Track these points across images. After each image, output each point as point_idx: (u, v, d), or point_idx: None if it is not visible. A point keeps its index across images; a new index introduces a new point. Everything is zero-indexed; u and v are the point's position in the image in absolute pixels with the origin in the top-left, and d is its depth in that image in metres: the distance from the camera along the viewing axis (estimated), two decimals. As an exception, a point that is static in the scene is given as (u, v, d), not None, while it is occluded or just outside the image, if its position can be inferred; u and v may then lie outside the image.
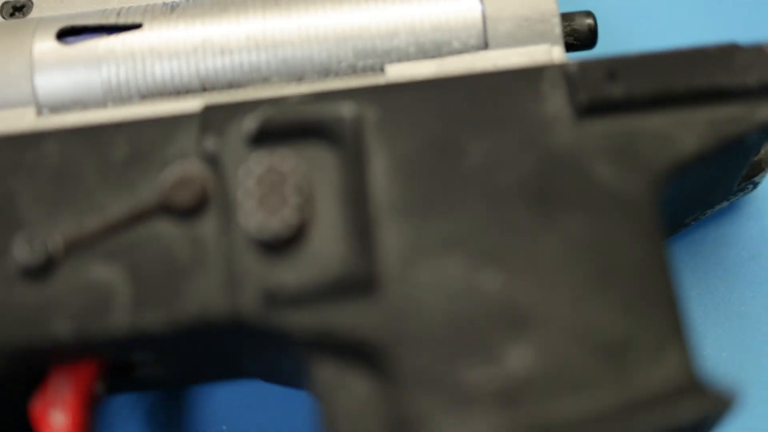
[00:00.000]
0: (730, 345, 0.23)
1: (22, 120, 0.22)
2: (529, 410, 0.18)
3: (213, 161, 0.21)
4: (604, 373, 0.19)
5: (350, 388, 0.19)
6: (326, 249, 0.20)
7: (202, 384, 0.24)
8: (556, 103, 0.21)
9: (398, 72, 0.22)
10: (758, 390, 0.23)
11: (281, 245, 0.20)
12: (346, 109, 0.21)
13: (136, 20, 0.23)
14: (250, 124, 0.21)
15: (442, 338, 0.19)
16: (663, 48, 0.22)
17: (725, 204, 0.25)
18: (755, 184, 0.25)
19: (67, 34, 0.23)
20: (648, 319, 0.19)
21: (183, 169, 0.21)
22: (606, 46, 0.27)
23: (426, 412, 0.18)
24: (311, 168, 0.21)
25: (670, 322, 0.19)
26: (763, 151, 0.24)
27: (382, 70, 0.23)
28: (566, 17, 0.24)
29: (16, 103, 0.23)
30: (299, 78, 0.23)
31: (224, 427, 0.24)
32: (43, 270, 0.20)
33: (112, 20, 0.23)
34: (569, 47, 0.24)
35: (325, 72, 0.23)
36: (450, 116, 0.21)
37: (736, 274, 0.25)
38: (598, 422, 0.18)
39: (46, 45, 0.23)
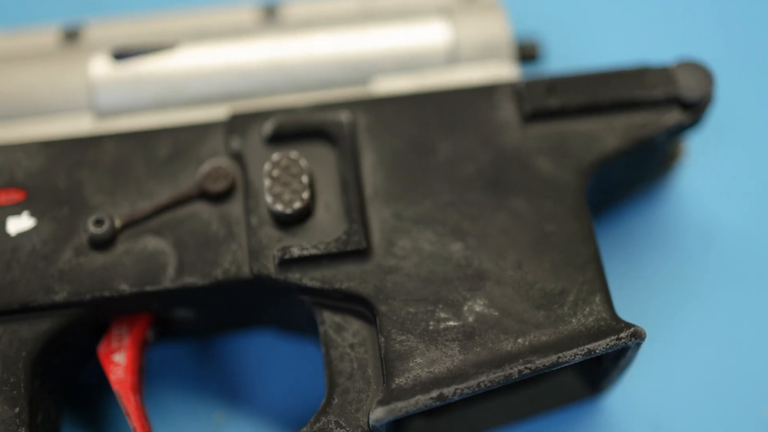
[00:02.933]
0: (635, 307, 0.30)
1: (84, 124, 0.28)
2: (484, 344, 0.24)
3: (238, 157, 0.27)
4: (543, 316, 0.25)
5: (348, 330, 0.25)
6: (328, 223, 0.26)
7: (227, 333, 0.29)
8: (507, 112, 0.27)
9: (384, 86, 0.28)
10: (651, 341, 0.29)
11: (293, 221, 0.26)
12: (343, 117, 0.27)
13: (175, 44, 0.29)
14: (267, 128, 0.27)
15: (418, 291, 0.25)
16: (602, 63, 0.27)
17: (647, 185, 0.31)
18: (669, 172, 0.31)
19: (121, 54, 0.29)
20: (577, 275, 0.25)
21: (215, 163, 0.27)
22: (557, 60, 0.33)
23: (406, 347, 0.24)
24: (316, 162, 0.27)
25: (594, 277, 0.25)
26: (676, 145, 0.30)
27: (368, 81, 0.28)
28: None
29: (78, 109, 0.28)
30: (304, 89, 0.29)
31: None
32: (108, 242, 0.26)
33: (155, 42, 0.29)
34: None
35: (325, 84, 0.29)
36: (423, 123, 0.27)
37: (644, 250, 0.31)
38: (538, 352, 0.24)
39: (103, 62, 0.28)
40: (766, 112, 0.33)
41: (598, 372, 0.27)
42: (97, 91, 0.28)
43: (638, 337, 0.24)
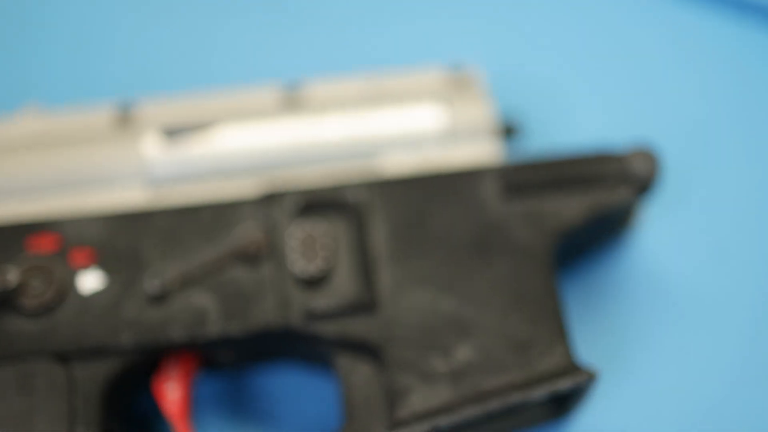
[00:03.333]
0: (598, 346, 0.35)
1: (138, 195, 0.34)
2: (470, 384, 0.30)
3: (269, 228, 0.32)
4: (516, 361, 0.30)
5: (359, 370, 0.31)
6: (344, 284, 0.32)
7: (258, 365, 0.35)
8: (491, 190, 0.33)
9: (390, 161, 0.34)
10: (612, 374, 0.35)
11: (315, 282, 0.32)
12: (359, 196, 0.32)
13: (212, 122, 0.34)
14: (294, 205, 0.32)
15: (416, 340, 0.31)
16: (573, 137, 0.33)
17: (608, 243, 0.37)
18: (627, 231, 0.37)
19: (169, 131, 0.34)
20: (544, 327, 0.31)
21: (250, 232, 0.32)
22: (536, 135, 0.39)
23: (406, 385, 0.30)
24: (333, 230, 0.32)
25: (558, 328, 0.31)
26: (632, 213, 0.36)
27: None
28: None
29: (133, 181, 0.34)
30: (322, 162, 0.34)
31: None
32: (162, 298, 0.32)
33: (195, 121, 0.35)
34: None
35: (339, 158, 0.34)
36: (423, 199, 0.33)
37: (607, 298, 0.36)
38: (511, 390, 0.30)
39: (155, 144, 0.34)
40: (715, 181, 0.39)
41: (562, 402, 0.33)
42: (149, 167, 0.34)
43: (592, 378, 0.30)
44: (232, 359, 0.34)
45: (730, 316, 0.37)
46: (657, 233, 0.38)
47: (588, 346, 0.35)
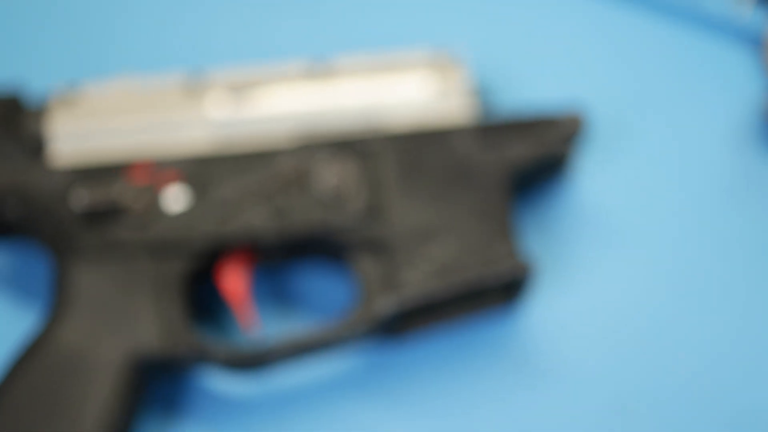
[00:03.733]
0: (544, 261, 0.48)
1: (206, 142, 0.46)
2: (444, 273, 0.43)
3: (302, 164, 0.45)
4: (478, 257, 0.43)
5: (368, 264, 0.44)
6: (359, 202, 0.44)
7: (296, 263, 0.47)
8: (467, 141, 0.45)
9: (391, 121, 0.46)
10: (555, 282, 0.48)
11: (338, 202, 0.44)
12: (366, 144, 0.45)
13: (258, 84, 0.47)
14: (318, 147, 0.45)
15: (409, 243, 0.43)
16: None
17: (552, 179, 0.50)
18: (567, 173, 0.49)
19: (230, 88, 0.46)
20: (499, 235, 0.44)
21: (289, 166, 0.45)
22: (505, 95, 0.51)
23: (402, 268, 0.43)
24: (351, 167, 0.45)
25: (510, 237, 0.44)
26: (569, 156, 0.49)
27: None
28: None
29: (198, 126, 0.46)
30: (340, 119, 0.47)
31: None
32: (229, 211, 0.44)
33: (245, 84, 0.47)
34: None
35: (353, 117, 0.47)
36: (416, 147, 0.45)
37: (552, 224, 0.49)
38: (474, 276, 0.43)
39: (214, 97, 0.46)
40: (640, 133, 0.51)
41: (513, 291, 0.46)
42: (212, 117, 0.46)
43: (532, 270, 0.43)
44: (278, 258, 0.46)
45: (652, 240, 0.49)
46: (592, 174, 0.50)
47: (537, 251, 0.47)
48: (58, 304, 0.43)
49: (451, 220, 0.44)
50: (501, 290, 0.45)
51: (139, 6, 0.54)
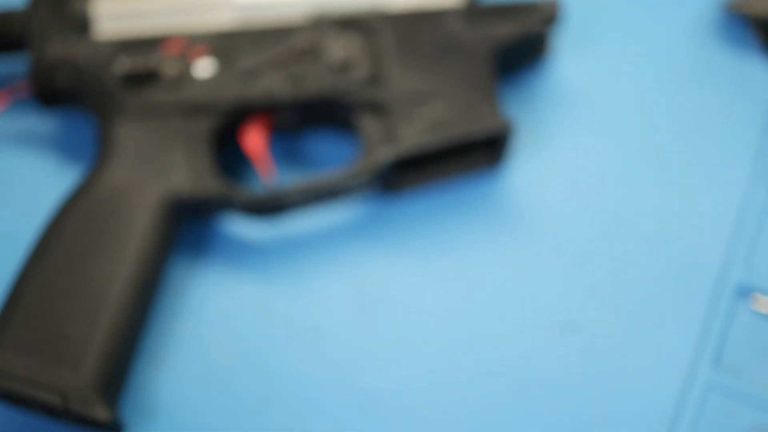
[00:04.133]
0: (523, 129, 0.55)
1: (232, 18, 0.53)
2: (436, 128, 0.49)
3: (316, 37, 0.52)
4: (465, 116, 0.50)
5: (370, 123, 0.50)
6: (364, 69, 0.51)
7: (307, 129, 0.54)
8: (457, 20, 0.52)
9: (392, 5, 0.53)
10: (532, 149, 0.54)
11: (347, 68, 0.51)
12: (371, 20, 0.52)
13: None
14: (329, 22, 0.52)
15: (406, 103, 0.50)
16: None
17: (533, 63, 0.56)
18: (545, 57, 0.56)
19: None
20: (484, 99, 0.50)
21: (304, 39, 0.52)
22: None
23: (399, 125, 0.49)
24: (357, 41, 0.51)
25: (493, 100, 0.50)
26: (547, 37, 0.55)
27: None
28: None
29: (225, 8, 0.53)
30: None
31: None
32: (251, 74, 0.51)
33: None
34: None
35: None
36: (414, 24, 0.52)
37: (532, 101, 0.56)
38: (462, 133, 0.49)
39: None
40: (610, 23, 0.58)
41: (497, 150, 0.52)
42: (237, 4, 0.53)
43: (511, 126, 0.50)
44: (293, 122, 0.53)
45: (619, 114, 0.55)
46: (567, 57, 0.57)
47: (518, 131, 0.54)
48: (102, 155, 0.50)
49: (441, 87, 0.51)
50: (485, 149, 0.52)
51: None
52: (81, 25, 0.52)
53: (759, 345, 0.50)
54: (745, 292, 0.51)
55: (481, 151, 0.53)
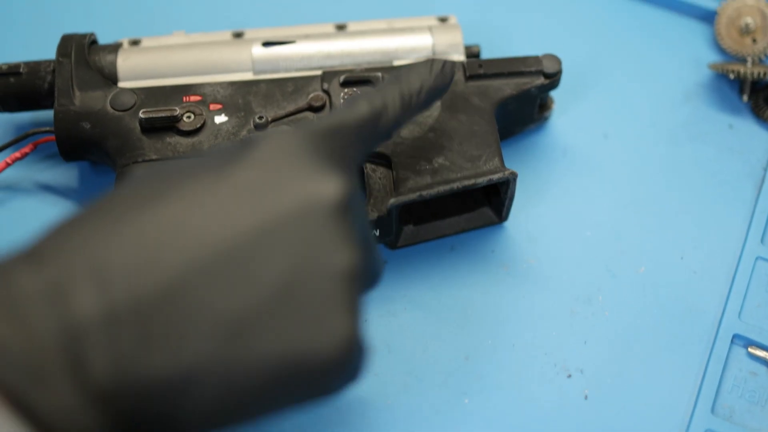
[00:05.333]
0: (525, 182, 0.57)
1: (249, 76, 0.56)
2: (442, 176, 0.52)
3: (326, 92, 0.55)
4: (470, 165, 0.52)
5: (378, 170, 0.53)
6: None
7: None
8: (458, 75, 0.55)
9: (399, 64, 0.56)
10: (536, 200, 0.57)
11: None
12: (378, 76, 0.55)
13: (294, 39, 0.57)
14: (340, 78, 0.55)
15: (413, 152, 0.52)
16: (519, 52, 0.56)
17: (534, 126, 0.59)
18: (546, 117, 0.59)
19: (267, 43, 0.57)
20: (487, 149, 0.53)
21: (316, 94, 0.55)
22: (487, 46, 0.61)
23: (405, 176, 0.52)
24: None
25: (495, 150, 0.52)
26: (548, 100, 0.58)
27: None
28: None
29: (246, 70, 0.56)
30: (361, 64, 0.57)
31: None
32: (264, 127, 0.54)
33: (288, 39, 0.57)
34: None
35: (371, 60, 0.56)
36: None
37: (532, 155, 0.58)
38: (467, 179, 0.51)
39: (259, 48, 0.57)
40: (603, 86, 0.61)
41: (501, 205, 0.54)
42: (255, 61, 0.56)
43: (514, 175, 0.52)
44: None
45: (615, 174, 0.58)
46: (564, 117, 0.60)
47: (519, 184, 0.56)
48: (120, 196, 0.53)
49: (448, 137, 0.53)
50: (488, 207, 0.54)
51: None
52: (107, 76, 0.55)
53: (755, 392, 0.50)
54: (741, 341, 0.52)
55: (484, 210, 0.55)
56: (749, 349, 0.52)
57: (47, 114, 0.58)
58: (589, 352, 0.52)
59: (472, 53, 0.58)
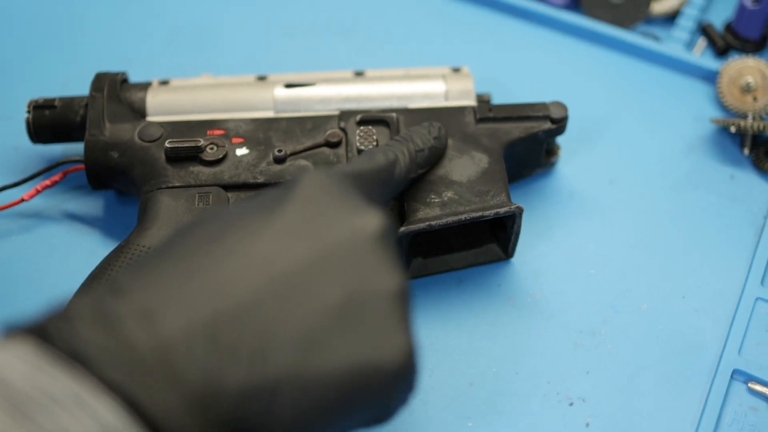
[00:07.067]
0: (532, 225, 0.59)
1: (270, 114, 0.59)
2: (451, 208, 0.54)
3: (343, 130, 0.57)
4: (479, 199, 0.54)
5: (390, 203, 0.55)
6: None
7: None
8: (470, 118, 0.58)
9: (416, 107, 0.59)
10: (540, 242, 0.59)
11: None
12: (392, 116, 0.58)
13: (314, 83, 0.60)
14: (357, 117, 0.58)
15: (423, 186, 0.55)
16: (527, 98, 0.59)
17: (541, 171, 0.61)
18: (553, 163, 0.61)
19: (290, 85, 0.60)
20: (495, 185, 0.55)
21: (333, 131, 0.57)
22: (501, 96, 0.64)
23: (416, 207, 0.54)
24: (379, 133, 0.57)
25: (503, 187, 0.55)
26: (555, 146, 0.61)
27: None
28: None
29: (268, 109, 0.59)
30: (376, 106, 0.60)
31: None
32: (282, 161, 0.56)
33: (303, 81, 0.60)
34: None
35: (377, 106, 0.60)
36: (431, 119, 0.58)
37: (539, 199, 0.60)
38: (474, 212, 0.54)
39: (281, 89, 0.60)
40: (607, 134, 0.63)
41: (507, 241, 0.56)
42: (277, 101, 0.59)
43: (520, 209, 0.54)
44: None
45: (619, 215, 0.60)
46: (570, 163, 0.62)
47: (525, 224, 0.59)
48: (142, 220, 0.55)
49: (458, 173, 0.56)
50: (495, 243, 0.57)
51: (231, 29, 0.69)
52: (137, 111, 0.59)
53: (755, 426, 0.51)
54: (741, 376, 0.53)
55: (491, 246, 0.57)
56: (749, 385, 0.53)
57: (77, 147, 0.61)
58: (592, 383, 0.53)
59: (482, 101, 0.61)
